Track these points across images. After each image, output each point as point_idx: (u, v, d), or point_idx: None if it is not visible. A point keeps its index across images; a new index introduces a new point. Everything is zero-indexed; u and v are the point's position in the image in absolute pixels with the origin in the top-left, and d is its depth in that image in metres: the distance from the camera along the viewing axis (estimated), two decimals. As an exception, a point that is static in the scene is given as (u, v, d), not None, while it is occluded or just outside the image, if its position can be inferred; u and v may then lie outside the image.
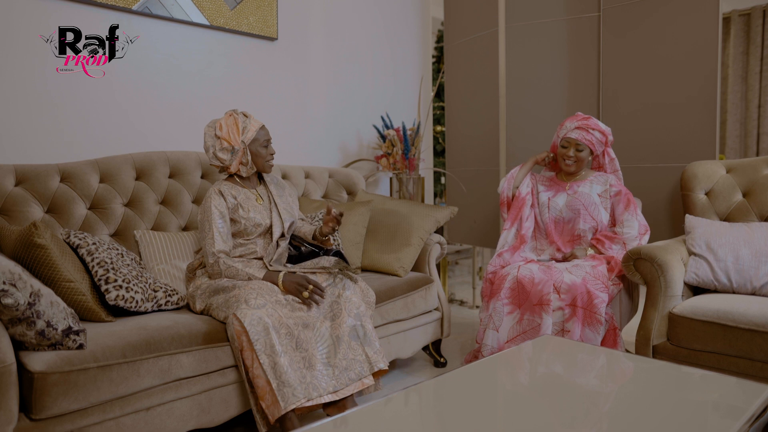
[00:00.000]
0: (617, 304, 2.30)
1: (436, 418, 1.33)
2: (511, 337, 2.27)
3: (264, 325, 1.73)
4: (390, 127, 3.41)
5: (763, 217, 2.35)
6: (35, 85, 2.28)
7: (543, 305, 2.20)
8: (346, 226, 2.59)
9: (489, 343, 2.27)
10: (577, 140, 2.46)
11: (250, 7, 2.92)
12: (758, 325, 1.82)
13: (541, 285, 2.22)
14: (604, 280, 2.21)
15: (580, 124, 2.47)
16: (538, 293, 2.22)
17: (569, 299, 2.18)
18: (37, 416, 1.41)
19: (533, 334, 2.22)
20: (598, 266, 2.28)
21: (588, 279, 2.20)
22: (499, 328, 2.27)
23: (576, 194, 2.51)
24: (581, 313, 2.15)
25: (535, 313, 2.22)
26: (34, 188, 2.05)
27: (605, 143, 2.53)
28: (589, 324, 2.15)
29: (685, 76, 2.72)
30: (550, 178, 2.65)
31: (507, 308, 2.28)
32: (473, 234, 3.61)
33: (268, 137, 2.12)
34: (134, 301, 1.83)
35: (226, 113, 2.08)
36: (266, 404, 1.71)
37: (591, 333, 2.15)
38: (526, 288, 2.26)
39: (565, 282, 2.19)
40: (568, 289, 2.18)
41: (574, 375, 1.56)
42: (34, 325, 1.41)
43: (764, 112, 4.84)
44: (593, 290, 2.16)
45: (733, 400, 1.34)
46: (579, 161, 2.49)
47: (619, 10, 2.93)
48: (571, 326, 2.15)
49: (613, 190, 2.49)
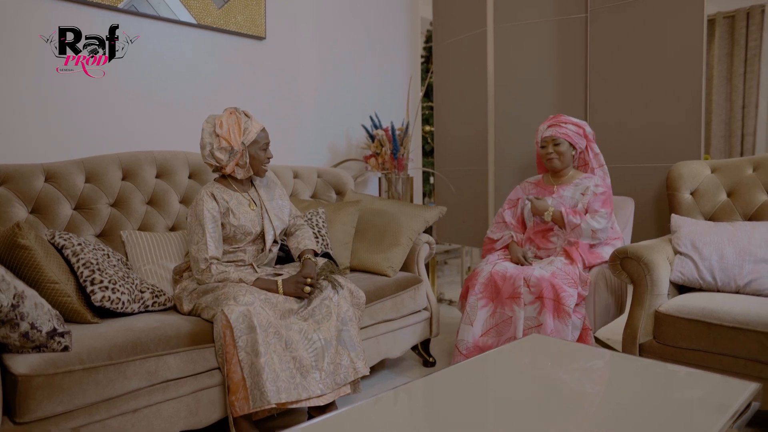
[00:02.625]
0: (590, 305, 2.33)
1: (425, 417, 1.33)
2: (485, 330, 2.33)
3: (249, 323, 1.72)
4: (379, 126, 3.41)
5: (747, 217, 2.38)
6: (36, 85, 2.27)
7: (514, 298, 2.27)
8: (335, 226, 2.59)
9: (464, 338, 2.33)
10: (553, 136, 2.53)
11: (237, 6, 2.90)
12: (742, 323, 1.84)
13: (512, 279, 2.29)
14: (574, 277, 2.26)
15: (551, 122, 2.58)
16: (510, 287, 2.29)
17: (537, 292, 2.23)
18: (21, 420, 1.39)
19: (505, 326, 2.28)
20: (570, 264, 2.33)
21: (557, 274, 2.25)
22: (474, 322, 2.33)
23: (562, 198, 2.53)
24: (550, 304, 2.20)
25: (506, 306, 2.29)
26: (17, 188, 2.02)
27: (584, 136, 2.56)
28: (558, 316, 2.19)
29: (671, 77, 2.75)
30: (537, 182, 2.67)
31: (481, 302, 2.35)
32: (462, 234, 3.62)
33: (268, 140, 2.06)
34: (120, 302, 1.81)
35: (226, 110, 2.00)
36: (236, 397, 1.71)
37: (561, 325, 2.19)
38: (498, 283, 2.33)
39: (534, 276, 2.26)
40: (536, 283, 2.24)
41: (562, 373, 1.57)
42: (18, 327, 1.39)
43: (748, 112, 4.91)
44: (560, 284, 2.21)
45: (717, 397, 1.36)
46: (560, 155, 2.53)
47: (606, 12, 2.95)
48: (544, 318, 2.20)
49: (600, 189, 2.49)
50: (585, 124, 2.58)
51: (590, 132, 2.59)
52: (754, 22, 4.84)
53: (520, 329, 2.23)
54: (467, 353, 2.30)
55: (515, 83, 3.26)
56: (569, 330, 2.18)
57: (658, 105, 2.80)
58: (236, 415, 1.71)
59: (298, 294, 1.92)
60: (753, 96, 4.87)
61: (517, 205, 2.68)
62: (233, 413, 1.72)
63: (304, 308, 1.92)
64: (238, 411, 1.70)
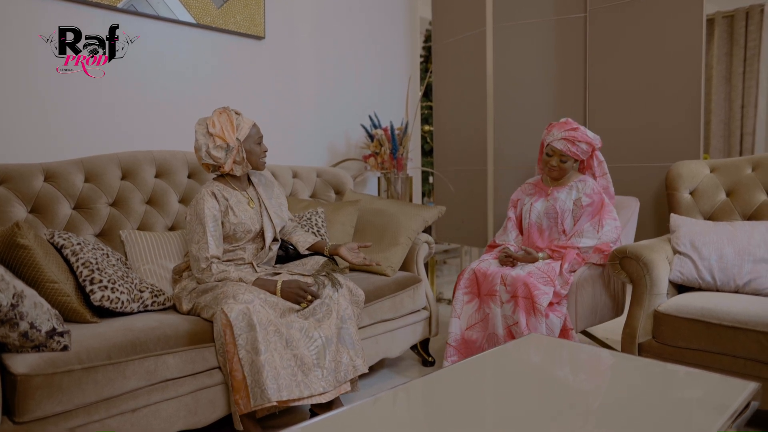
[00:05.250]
0: (572, 305, 2.32)
1: (424, 417, 1.33)
2: (470, 325, 2.40)
3: (249, 321, 1.72)
4: (378, 126, 3.41)
5: (746, 216, 2.38)
6: (36, 85, 2.27)
7: (491, 296, 2.33)
8: (335, 226, 2.59)
9: (452, 330, 2.41)
10: (562, 151, 2.43)
11: (237, 5, 2.90)
12: (741, 323, 1.85)
13: (491, 277, 2.34)
14: (551, 275, 2.27)
15: (566, 135, 2.42)
16: (488, 284, 2.35)
17: (512, 291, 2.27)
18: (20, 419, 1.39)
19: (485, 322, 2.36)
20: (551, 263, 2.34)
21: (534, 273, 2.27)
22: (460, 315, 2.41)
23: (555, 201, 2.52)
24: (522, 302, 2.23)
25: (485, 303, 2.36)
26: (17, 188, 2.01)
27: (592, 153, 2.53)
28: (534, 313, 2.21)
29: (670, 76, 2.75)
30: (536, 183, 2.67)
31: (466, 297, 2.43)
32: (461, 233, 3.62)
33: (261, 134, 2.08)
34: (120, 301, 1.81)
35: (216, 110, 2.01)
36: (239, 396, 1.72)
37: (535, 321, 2.21)
38: (479, 280, 2.40)
39: (511, 275, 2.29)
40: (511, 282, 2.28)
41: (561, 373, 1.57)
42: (17, 327, 1.39)
43: (747, 112, 4.91)
44: (533, 282, 2.23)
45: (716, 397, 1.36)
46: (562, 171, 2.50)
47: (605, 11, 2.95)
48: (518, 317, 2.24)
49: (586, 201, 2.45)
50: (597, 139, 2.47)
51: (599, 146, 2.51)
52: (753, 21, 4.84)
53: (498, 326, 2.29)
54: (456, 345, 2.39)
55: (514, 83, 3.26)
56: (543, 328, 2.19)
57: (657, 104, 2.80)
58: (241, 413, 1.72)
59: (295, 301, 1.91)
60: (752, 96, 4.87)
61: (516, 206, 2.69)
62: (239, 411, 1.73)
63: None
64: (243, 409, 1.71)
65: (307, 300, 1.91)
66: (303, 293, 1.91)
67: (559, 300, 2.26)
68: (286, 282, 1.93)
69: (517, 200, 2.70)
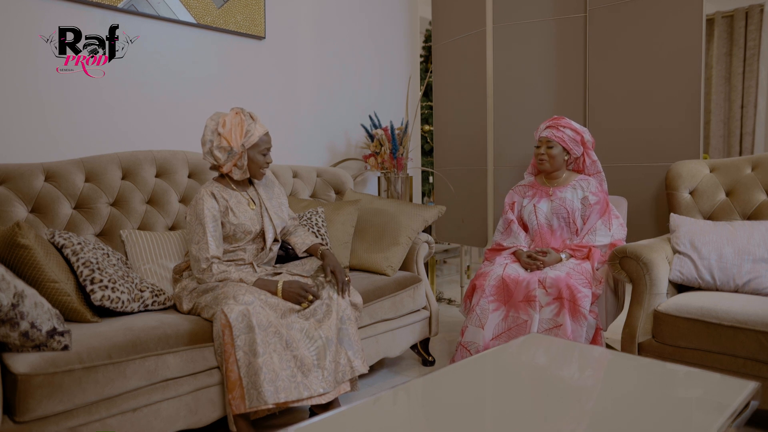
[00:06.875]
0: (602, 304, 2.32)
1: (424, 416, 1.33)
2: (497, 334, 2.28)
3: (248, 323, 1.72)
4: (378, 126, 3.41)
5: (745, 216, 2.38)
6: (36, 85, 2.27)
7: (530, 302, 2.22)
8: (335, 225, 2.59)
9: (475, 341, 2.28)
10: (548, 137, 2.52)
11: (237, 5, 2.90)
12: (741, 323, 1.85)
13: (525, 282, 2.25)
14: (588, 276, 2.25)
15: (550, 123, 2.55)
16: (523, 290, 2.24)
17: (555, 293, 2.20)
18: (20, 419, 1.39)
19: (519, 330, 2.23)
20: (582, 263, 2.32)
21: (572, 274, 2.23)
22: (485, 326, 2.27)
23: (561, 201, 2.52)
24: (568, 305, 2.17)
25: (521, 310, 2.24)
26: (17, 187, 2.02)
27: (582, 143, 2.55)
28: (574, 318, 2.17)
29: (670, 76, 2.75)
30: (531, 184, 2.67)
31: (492, 305, 2.30)
32: (461, 233, 3.62)
33: (269, 145, 2.05)
34: (120, 301, 1.81)
35: (232, 110, 1.99)
36: (233, 396, 1.71)
37: (576, 326, 2.16)
38: (509, 286, 2.28)
39: (550, 277, 2.23)
40: (552, 284, 2.20)
41: (560, 372, 1.57)
42: (17, 327, 1.40)
43: (747, 112, 4.91)
44: (576, 284, 2.19)
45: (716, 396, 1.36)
46: (551, 158, 2.53)
47: (604, 11, 2.96)
48: (563, 319, 2.16)
49: (594, 199, 2.49)
50: (585, 130, 2.55)
51: (589, 139, 2.56)
52: (752, 21, 4.84)
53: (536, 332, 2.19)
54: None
55: (514, 82, 3.26)
56: (584, 330, 2.16)
57: (657, 104, 2.80)
58: (234, 413, 1.72)
59: (297, 302, 1.92)
60: (752, 95, 4.87)
61: (513, 208, 2.68)
62: (232, 411, 1.73)
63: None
64: (235, 410, 1.71)
65: (308, 300, 1.91)
66: (304, 293, 1.91)
67: (594, 300, 2.23)
68: (288, 282, 1.94)
69: (513, 203, 2.68)
